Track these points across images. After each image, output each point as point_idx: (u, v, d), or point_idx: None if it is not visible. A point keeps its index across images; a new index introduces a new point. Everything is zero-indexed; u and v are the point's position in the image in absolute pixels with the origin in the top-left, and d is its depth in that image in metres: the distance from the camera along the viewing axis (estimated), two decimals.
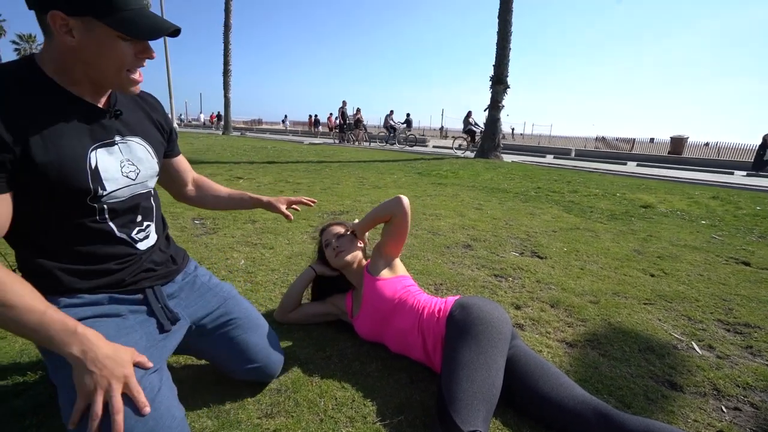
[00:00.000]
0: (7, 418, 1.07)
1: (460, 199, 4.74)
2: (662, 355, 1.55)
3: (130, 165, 0.96)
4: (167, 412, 0.86)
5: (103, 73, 0.83)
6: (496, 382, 1.09)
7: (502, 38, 10.56)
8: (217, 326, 1.16)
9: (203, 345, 1.17)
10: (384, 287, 1.44)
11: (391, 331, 1.40)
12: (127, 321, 0.95)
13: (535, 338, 1.65)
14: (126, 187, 0.95)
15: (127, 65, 0.83)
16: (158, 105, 1.12)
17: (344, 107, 16.62)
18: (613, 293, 2.14)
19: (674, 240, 3.29)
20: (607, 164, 11.74)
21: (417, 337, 1.33)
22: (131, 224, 0.99)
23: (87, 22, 0.76)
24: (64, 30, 0.76)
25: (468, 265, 2.47)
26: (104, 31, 0.77)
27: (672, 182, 7.57)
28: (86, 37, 0.77)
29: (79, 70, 0.83)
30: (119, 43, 0.79)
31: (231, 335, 1.17)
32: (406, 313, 1.37)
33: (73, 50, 0.79)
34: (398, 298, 1.40)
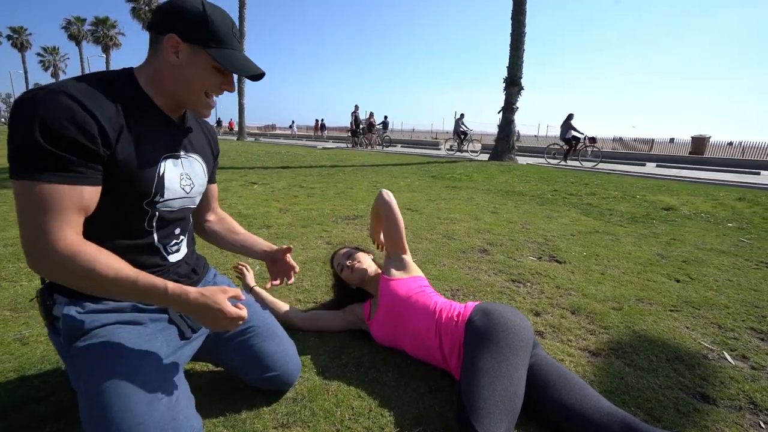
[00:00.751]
0: (28, 424, 1.08)
1: (475, 203, 4.68)
2: (692, 365, 1.48)
3: (187, 179, 1.04)
4: (186, 423, 0.86)
5: (188, 92, 0.94)
6: (518, 391, 1.05)
7: (516, 39, 10.47)
8: (235, 334, 1.17)
9: (221, 352, 1.18)
10: (398, 286, 1.44)
11: (407, 332, 1.37)
12: (148, 329, 0.97)
13: (556, 346, 1.60)
14: (179, 199, 1.02)
15: (210, 89, 0.95)
16: (214, 131, 1.23)
17: (356, 111, 16.69)
18: (636, 299, 2.07)
19: (699, 243, 3.17)
20: (625, 165, 11.48)
21: (434, 339, 1.31)
22: (170, 236, 1.05)
23: (195, 49, 0.89)
24: (173, 51, 0.89)
25: (485, 270, 2.42)
26: (206, 59, 0.90)
27: (694, 183, 7.35)
28: (189, 60, 0.90)
29: (169, 85, 0.93)
30: (212, 72, 0.92)
31: (249, 343, 1.17)
32: (422, 314, 1.35)
33: (172, 68, 0.91)
34: (413, 297, 1.39)
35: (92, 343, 0.88)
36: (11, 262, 2.28)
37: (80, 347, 0.88)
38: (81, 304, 0.91)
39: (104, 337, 0.89)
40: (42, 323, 1.62)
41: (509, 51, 10.59)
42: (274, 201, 4.43)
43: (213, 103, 0.98)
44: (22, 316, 1.69)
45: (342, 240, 2.94)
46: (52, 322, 0.94)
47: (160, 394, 0.85)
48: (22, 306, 1.77)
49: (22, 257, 2.34)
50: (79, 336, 0.89)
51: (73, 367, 0.89)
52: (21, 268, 2.20)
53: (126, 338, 0.90)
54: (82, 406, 0.83)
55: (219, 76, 0.94)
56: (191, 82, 0.92)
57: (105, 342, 0.88)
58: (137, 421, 0.80)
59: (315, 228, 3.24)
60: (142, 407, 0.81)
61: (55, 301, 0.93)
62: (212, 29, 0.89)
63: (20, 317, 1.67)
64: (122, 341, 0.89)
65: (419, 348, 1.37)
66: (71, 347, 0.89)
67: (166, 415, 0.83)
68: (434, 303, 1.37)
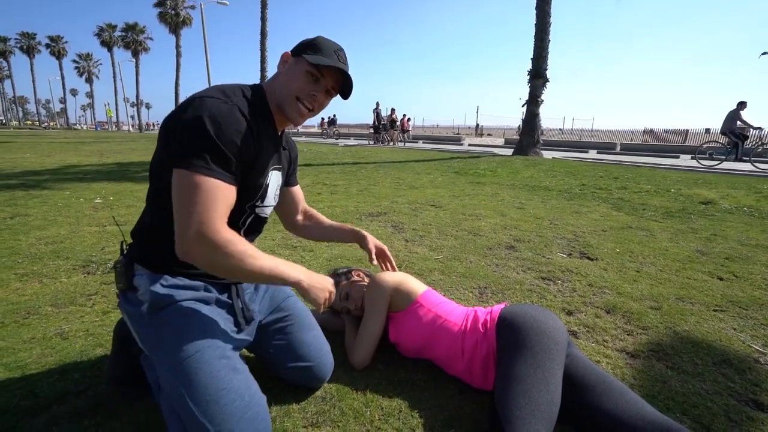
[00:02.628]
0: (69, 417, 1.12)
1: (500, 198, 4.58)
2: (742, 369, 1.38)
3: (277, 189, 1.18)
4: (257, 393, 0.96)
5: (285, 95, 1.03)
6: (555, 398, 1.01)
7: (540, 30, 10.17)
8: (274, 321, 1.23)
9: (260, 339, 1.20)
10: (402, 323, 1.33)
11: (432, 357, 1.32)
12: (215, 310, 1.06)
13: (591, 347, 1.53)
14: (270, 207, 1.17)
15: (301, 94, 1.03)
16: (296, 148, 1.35)
17: (378, 108, 16.67)
18: (676, 298, 1.96)
19: (743, 239, 2.99)
20: (657, 158, 11.00)
21: (460, 363, 1.24)
22: (250, 235, 1.15)
23: (298, 59, 1.03)
24: (284, 63, 1.05)
25: (513, 268, 2.36)
26: (303, 64, 1.01)
27: (734, 175, 6.96)
28: (291, 67, 1.04)
29: (276, 93, 1.05)
30: (305, 76, 1.02)
31: (287, 331, 1.22)
32: (441, 342, 1.27)
33: (279, 76, 1.06)
34: (428, 330, 1.28)
35: (176, 315, 0.97)
36: (51, 260, 2.38)
37: (164, 317, 0.97)
38: (163, 278, 1.01)
39: (187, 310, 0.99)
40: (81, 318, 1.68)
41: (533, 42, 10.31)
42: None
43: (305, 112, 1.05)
44: (63, 311, 1.75)
45: None
46: (126, 292, 1.03)
47: (237, 365, 0.95)
48: (63, 302, 1.84)
49: (62, 255, 2.45)
50: (163, 306, 0.98)
51: (153, 334, 0.97)
52: (60, 265, 2.30)
53: (203, 313, 1.01)
54: (163, 370, 0.92)
55: (311, 83, 1.03)
56: (287, 85, 1.03)
57: (188, 314, 0.98)
58: (221, 386, 0.89)
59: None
60: (224, 374, 0.90)
61: (135, 272, 1.02)
62: (315, 44, 1.03)
63: (61, 313, 1.74)
64: (201, 314, 1.00)
65: (448, 368, 1.30)
66: (155, 315, 0.97)
67: (243, 384, 0.93)
68: (453, 326, 1.27)
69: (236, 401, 0.89)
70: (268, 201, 1.13)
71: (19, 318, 1.68)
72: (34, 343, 1.49)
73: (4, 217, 3.38)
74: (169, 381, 0.91)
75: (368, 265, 2.35)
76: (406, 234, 3.06)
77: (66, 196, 4.45)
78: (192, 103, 0.90)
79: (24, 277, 2.12)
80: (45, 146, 13.21)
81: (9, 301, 1.84)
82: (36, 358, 1.39)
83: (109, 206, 3.95)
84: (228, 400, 0.88)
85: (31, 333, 1.56)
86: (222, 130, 0.88)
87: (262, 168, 1.05)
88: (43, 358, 1.40)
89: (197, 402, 0.86)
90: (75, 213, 3.62)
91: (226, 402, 0.88)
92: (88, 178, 5.99)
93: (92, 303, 1.83)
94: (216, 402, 0.87)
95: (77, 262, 2.35)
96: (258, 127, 0.99)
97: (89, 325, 1.62)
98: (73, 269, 2.25)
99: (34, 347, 1.46)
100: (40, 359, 1.39)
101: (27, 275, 2.15)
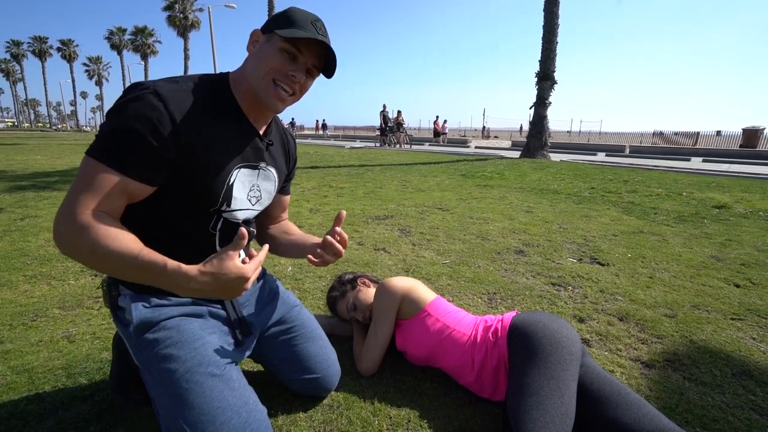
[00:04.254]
0: (74, 423, 1.11)
1: (508, 202, 4.54)
2: (763, 381, 1.33)
3: (256, 191, 1.04)
4: (256, 406, 0.92)
5: (258, 78, 0.90)
6: (570, 410, 0.97)
7: (548, 32, 10.10)
8: (279, 332, 1.18)
9: (265, 351, 1.18)
10: (409, 331, 1.30)
11: (441, 367, 1.29)
12: (209, 322, 1.00)
13: (605, 356, 1.49)
14: (244, 210, 1.02)
15: (278, 76, 0.90)
16: (295, 147, 1.23)
17: (385, 110, 16.67)
18: (691, 306, 1.91)
19: (759, 245, 2.92)
20: (668, 161, 10.85)
21: (470, 374, 1.21)
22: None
23: (269, 36, 0.90)
24: (254, 42, 0.92)
25: (522, 273, 2.32)
26: (276, 40, 0.89)
27: (748, 179, 6.82)
28: (262, 47, 0.91)
29: (245, 78, 0.93)
30: (279, 53, 0.89)
31: (293, 343, 1.18)
32: (450, 353, 1.24)
33: (249, 58, 0.93)
34: (432, 340, 1.26)
35: (162, 335, 0.91)
36: (60, 262, 2.39)
37: (150, 338, 0.91)
38: (146, 299, 0.94)
39: (173, 328, 0.92)
40: (88, 321, 1.68)
41: (541, 44, 10.24)
42: (304, 201, 4.46)
43: (284, 96, 0.92)
44: (70, 314, 1.75)
45: (374, 241, 2.90)
46: (116, 312, 0.98)
47: (231, 381, 0.90)
48: (70, 304, 1.84)
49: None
50: (148, 328, 0.92)
51: (142, 356, 0.92)
52: (69, 267, 2.31)
53: (192, 329, 0.94)
54: (155, 394, 0.89)
55: (287, 62, 0.89)
56: (258, 66, 0.90)
57: (174, 332, 0.92)
58: (215, 405, 0.85)
59: (346, 229, 3.22)
60: (218, 393, 0.86)
61: (119, 292, 0.97)
62: (288, 16, 0.89)
63: (68, 315, 1.74)
64: (189, 331, 0.93)
65: (458, 378, 1.27)
66: (141, 338, 0.92)
67: (239, 400, 0.89)
68: (461, 336, 1.23)
69: (233, 419, 0.86)
70: (237, 204, 0.98)
71: (27, 320, 1.68)
72: (41, 346, 1.49)
73: (15, 219, 3.41)
74: (162, 404, 0.87)
75: (375, 271, 2.33)
76: (414, 238, 3.03)
77: None
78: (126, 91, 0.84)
79: (32, 279, 2.13)
80: (55, 148, 13.39)
81: (17, 303, 1.84)
82: (43, 362, 1.39)
83: None
84: (224, 418, 0.85)
85: (39, 336, 1.56)
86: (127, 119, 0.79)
87: (218, 167, 0.91)
88: (50, 361, 1.39)
89: (192, 424, 0.83)
90: None
91: (223, 421, 0.85)
92: None
93: (99, 305, 1.83)
94: (212, 422, 0.84)
95: None
96: (206, 116, 0.88)
97: (96, 328, 1.62)
98: (81, 271, 2.25)
99: (41, 350, 1.46)
100: (47, 362, 1.38)
101: (35, 277, 2.16)
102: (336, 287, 1.52)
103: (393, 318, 1.33)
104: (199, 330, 0.95)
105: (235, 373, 0.94)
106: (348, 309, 1.46)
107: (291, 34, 0.86)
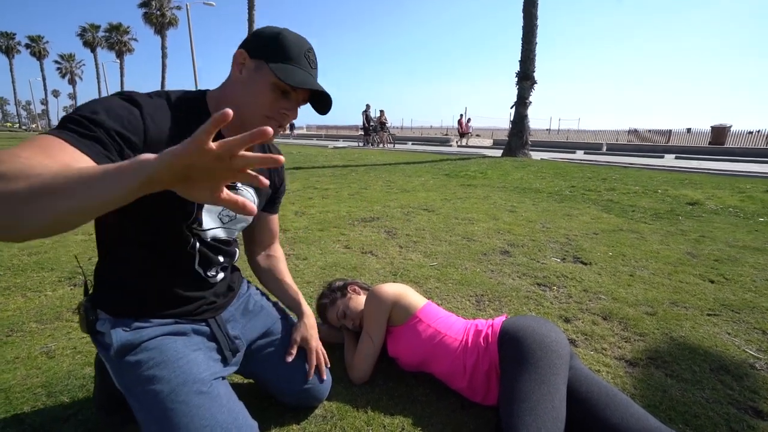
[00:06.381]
0: None
1: (492, 201, 4.60)
2: (739, 376, 1.39)
3: (228, 211, 0.99)
4: (246, 422, 0.90)
5: (247, 110, 0.87)
6: (561, 414, 0.99)
7: (528, 32, 10.27)
8: (266, 344, 1.17)
9: (253, 364, 1.16)
10: (401, 338, 1.30)
11: (433, 373, 1.30)
12: (193, 339, 0.97)
13: (591, 355, 1.53)
14: (215, 229, 0.99)
15: (268, 112, 0.87)
16: (282, 167, 1.12)
17: (368, 110, 16.64)
18: (670, 303, 1.98)
19: (731, 241, 3.04)
20: (643, 158, 11.20)
21: (462, 380, 1.22)
22: (213, 263, 1.03)
23: (258, 63, 0.85)
24: (239, 65, 0.87)
25: (508, 274, 2.36)
26: (266, 73, 0.84)
27: (718, 175, 7.11)
28: (251, 76, 0.86)
29: (232, 104, 0.86)
30: (272, 90, 0.85)
31: (281, 354, 1.17)
32: (442, 358, 1.24)
33: (236, 83, 0.88)
34: (424, 347, 1.26)
35: (143, 356, 0.89)
36: (35, 272, 2.30)
37: (132, 361, 0.89)
38: (127, 323, 0.92)
39: (154, 349, 0.90)
40: (68, 335, 1.62)
41: (521, 45, 10.40)
42: (288, 203, 4.41)
43: (278, 131, 0.88)
44: (48, 327, 1.69)
45: (361, 243, 2.90)
46: (95, 336, 0.95)
47: (219, 397, 0.88)
48: (48, 317, 1.77)
49: (47, 266, 2.37)
50: (129, 350, 0.90)
51: (124, 379, 0.90)
52: (45, 277, 2.22)
53: (174, 348, 0.91)
54: (140, 416, 0.86)
55: (280, 98, 0.87)
56: (249, 100, 0.86)
57: (156, 353, 0.89)
58: (203, 423, 0.82)
59: (332, 231, 3.20)
60: (204, 411, 0.84)
61: (98, 317, 0.94)
62: (280, 45, 0.85)
63: (46, 329, 1.67)
64: (172, 350, 0.91)
65: (450, 384, 1.28)
66: (122, 361, 0.90)
67: (228, 416, 0.86)
68: (453, 341, 1.24)
69: None
70: (208, 223, 0.96)
71: (2, 336, 1.61)
72: (18, 363, 1.43)
73: None
74: (148, 426, 0.85)
75: (363, 275, 2.32)
76: (400, 240, 3.04)
77: None
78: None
79: (6, 291, 2.04)
80: None
81: None
82: (21, 380, 1.33)
83: None
84: None
85: (15, 352, 1.50)
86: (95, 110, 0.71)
87: None
88: (28, 379, 1.34)
89: None
90: None
91: None
92: None
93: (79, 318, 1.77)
94: None
95: (62, 273, 2.28)
96: (179, 131, 0.83)
97: (77, 342, 1.56)
98: (59, 281, 2.17)
99: (19, 368, 1.40)
100: (25, 381, 1.33)
101: (9, 289, 2.07)
102: (326, 294, 1.51)
103: (384, 325, 1.33)
104: (183, 348, 0.93)
105: (223, 388, 0.92)
106: (338, 316, 1.45)
107: (287, 78, 0.83)
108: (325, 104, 0.94)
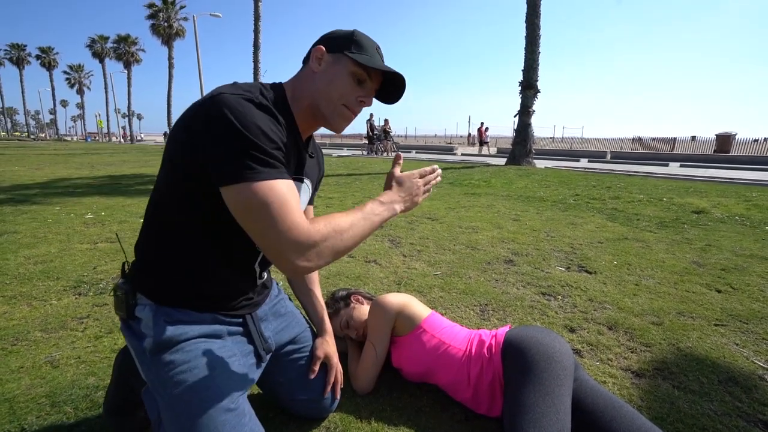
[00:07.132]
0: None
1: (496, 210, 4.59)
2: (748, 387, 1.37)
3: (304, 206, 1.06)
4: None
5: (326, 100, 0.93)
6: (565, 426, 0.98)
7: (531, 42, 10.35)
8: (292, 351, 1.18)
9: (272, 368, 1.15)
10: (405, 348, 1.30)
11: (437, 384, 1.30)
12: (227, 344, 0.98)
13: (596, 366, 1.51)
14: None
15: (346, 100, 0.93)
16: (322, 153, 1.22)
17: (372, 119, 16.75)
18: (677, 312, 1.96)
19: (737, 249, 3.01)
20: (647, 166, 11.16)
21: (467, 391, 1.21)
22: (267, 263, 1.06)
23: (336, 57, 0.92)
24: (318, 60, 0.92)
25: (512, 283, 2.35)
26: (345, 63, 0.91)
27: (723, 183, 7.07)
28: (329, 67, 0.92)
29: (308, 95, 0.94)
30: (350, 79, 0.92)
31: (300, 362, 1.18)
32: (446, 369, 1.24)
33: (313, 75, 0.93)
34: (428, 357, 1.26)
35: (179, 358, 0.89)
36: (41, 281, 2.31)
37: (167, 360, 0.89)
38: (168, 313, 0.92)
39: (191, 352, 0.90)
40: (72, 344, 1.63)
41: (524, 54, 10.48)
42: None
43: (351, 118, 0.97)
44: (53, 337, 1.69)
45: (364, 252, 2.90)
46: (128, 321, 0.95)
47: (243, 416, 0.89)
48: (53, 326, 1.78)
49: (53, 275, 2.38)
50: (167, 348, 0.90)
51: (156, 376, 0.90)
52: (50, 286, 2.24)
53: (211, 354, 0.92)
54: (165, 418, 0.87)
55: (356, 87, 0.93)
56: (329, 89, 0.92)
57: (192, 356, 0.90)
58: None
59: None
60: (230, 428, 0.84)
61: (137, 302, 0.94)
62: (356, 40, 0.92)
63: (50, 338, 1.68)
64: (206, 357, 0.91)
65: (454, 394, 1.27)
66: (158, 357, 0.90)
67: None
68: (457, 352, 1.23)
69: None
70: None
71: (7, 345, 1.62)
72: (22, 373, 1.43)
73: None
74: (168, 427, 0.86)
75: (366, 284, 2.32)
76: (404, 249, 3.04)
77: (56, 211, 4.37)
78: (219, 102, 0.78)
79: (12, 300, 2.05)
80: (34, 158, 13.04)
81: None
82: (25, 389, 1.34)
83: (101, 222, 3.88)
84: None
85: (20, 361, 1.50)
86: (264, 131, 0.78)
87: None
88: (32, 389, 1.34)
89: None
90: (65, 229, 3.54)
91: None
92: (79, 192, 5.90)
93: (84, 327, 1.78)
94: None
95: (68, 282, 2.29)
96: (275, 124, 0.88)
97: (81, 352, 1.57)
98: (64, 290, 2.18)
99: (23, 377, 1.41)
100: (30, 390, 1.33)
101: (15, 297, 2.08)
102: (329, 304, 1.51)
103: (388, 335, 1.33)
104: (219, 355, 0.93)
105: (248, 406, 0.93)
106: (342, 326, 1.45)
107: (368, 62, 0.90)
108: (397, 91, 1.00)
